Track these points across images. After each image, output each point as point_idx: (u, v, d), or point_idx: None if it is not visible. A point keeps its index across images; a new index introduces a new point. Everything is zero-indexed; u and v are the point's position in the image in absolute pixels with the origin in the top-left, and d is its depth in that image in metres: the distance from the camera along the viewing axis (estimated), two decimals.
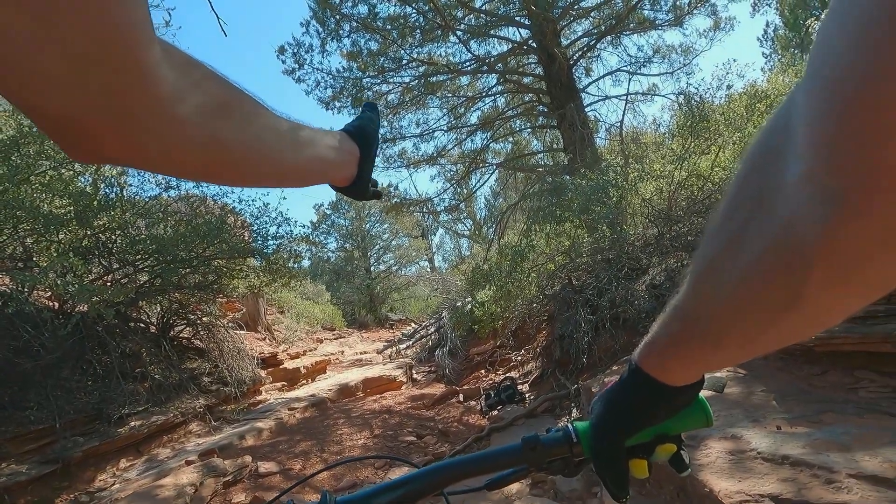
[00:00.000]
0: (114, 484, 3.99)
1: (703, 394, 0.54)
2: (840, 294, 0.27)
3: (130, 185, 5.84)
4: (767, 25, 19.24)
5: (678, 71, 10.56)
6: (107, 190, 5.40)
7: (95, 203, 4.87)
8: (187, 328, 6.46)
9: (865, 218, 0.22)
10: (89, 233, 5.13)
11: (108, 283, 5.22)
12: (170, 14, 11.31)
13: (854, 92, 0.20)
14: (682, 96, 9.44)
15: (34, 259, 4.96)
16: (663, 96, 11.20)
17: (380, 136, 0.70)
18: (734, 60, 8.67)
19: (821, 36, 0.23)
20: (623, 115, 10.50)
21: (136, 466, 4.34)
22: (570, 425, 0.57)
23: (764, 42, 19.43)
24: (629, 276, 5.73)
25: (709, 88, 8.12)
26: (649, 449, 0.54)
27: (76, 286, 4.09)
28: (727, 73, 8.04)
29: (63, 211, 4.78)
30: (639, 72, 10.68)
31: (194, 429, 5.24)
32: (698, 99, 7.13)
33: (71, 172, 5.18)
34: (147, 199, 5.77)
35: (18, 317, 4.19)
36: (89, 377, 4.58)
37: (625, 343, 4.97)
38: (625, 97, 10.52)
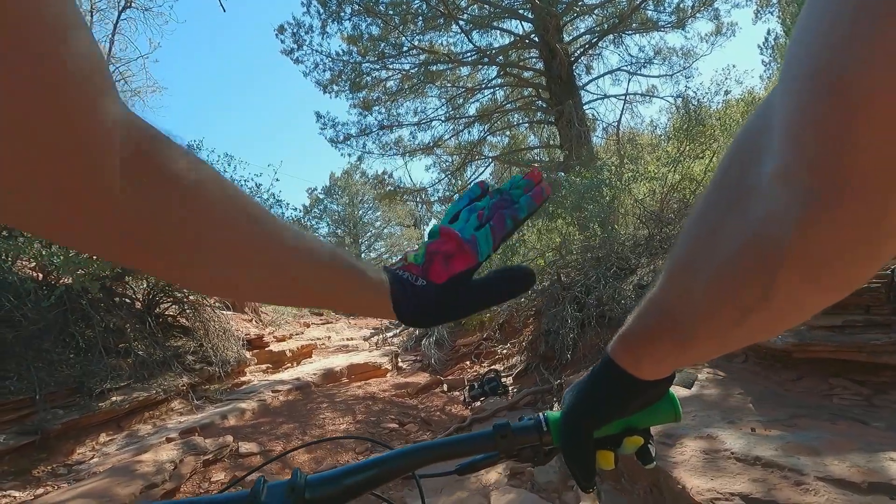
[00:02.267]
0: (93, 457, 3.97)
1: (675, 390, 0.55)
2: (809, 291, 0.28)
3: None
4: (769, 33, 19.29)
5: (678, 73, 10.59)
6: None
7: None
8: (173, 306, 6.42)
9: (838, 216, 0.22)
10: None
11: (94, 257, 5.16)
12: None
13: (828, 90, 0.20)
14: (681, 99, 9.49)
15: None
16: (662, 98, 11.22)
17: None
18: (734, 66, 8.77)
19: (797, 34, 0.23)
20: (621, 115, 10.55)
21: (115, 441, 4.33)
22: (541, 415, 0.58)
23: (764, 50, 19.50)
24: (617, 275, 5.78)
25: (707, 93, 8.17)
26: (617, 441, 0.55)
27: (61, 258, 4.04)
28: (726, 79, 8.11)
29: None
30: (639, 72, 10.69)
31: (176, 406, 5.22)
32: (696, 103, 7.17)
33: None
34: None
35: (1, 286, 4.13)
36: (71, 350, 4.54)
37: (609, 341, 4.98)
38: (623, 97, 10.54)
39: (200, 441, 4.00)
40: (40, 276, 4.92)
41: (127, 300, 5.86)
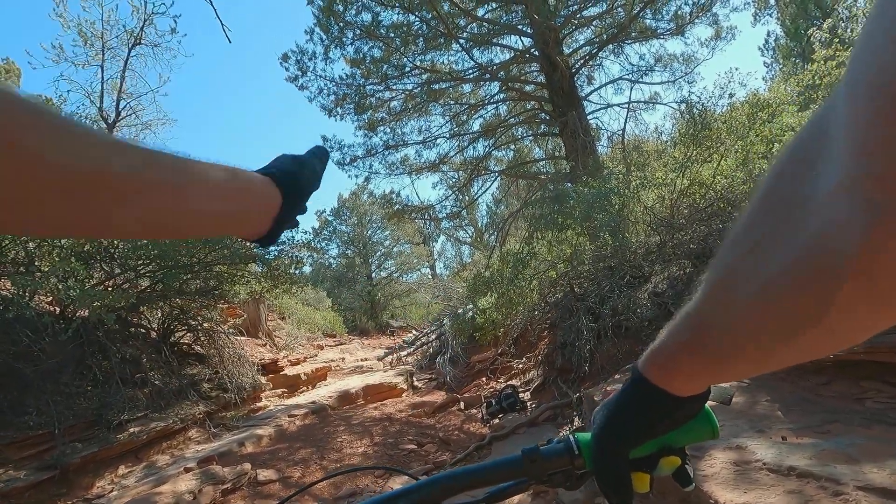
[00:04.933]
0: (112, 490, 3.96)
1: (709, 405, 0.52)
2: (871, 311, 0.26)
3: None
4: (769, 35, 19.33)
5: (680, 79, 10.60)
6: None
7: None
8: (188, 334, 6.45)
9: None
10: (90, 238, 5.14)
11: (110, 289, 5.22)
12: (175, 21, 11.43)
13: None
14: (684, 104, 9.47)
15: (36, 263, 4.96)
16: (665, 104, 11.20)
17: (318, 185, 0.55)
18: (736, 69, 8.75)
19: (863, 40, 0.22)
20: (625, 123, 10.55)
21: (134, 473, 4.31)
22: (571, 436, 0.56)
23: (765, 51, 19.52)
24: (631, 283, 5.71)
25: (711, 97, 8.15)
26: (652, 462, 0.53)
27: (77, 291, 4.09)
28: (729, 82, 8.06)
29: None
30: (641, 80, 10.73)
31: (194, 435, 5.21)
32: (700, 107, 7.13)
33: None
34: None
35: (19, 321, 4.18)
36: (89, 382, 4.56)
37: (627, 351, 4.94)
38: (626, 105, 10.56)
39: (219, 470, 3.97)
40: (57, 309, 4.98)
41: (142, 330, 5.90)
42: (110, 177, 0.32)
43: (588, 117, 10.10)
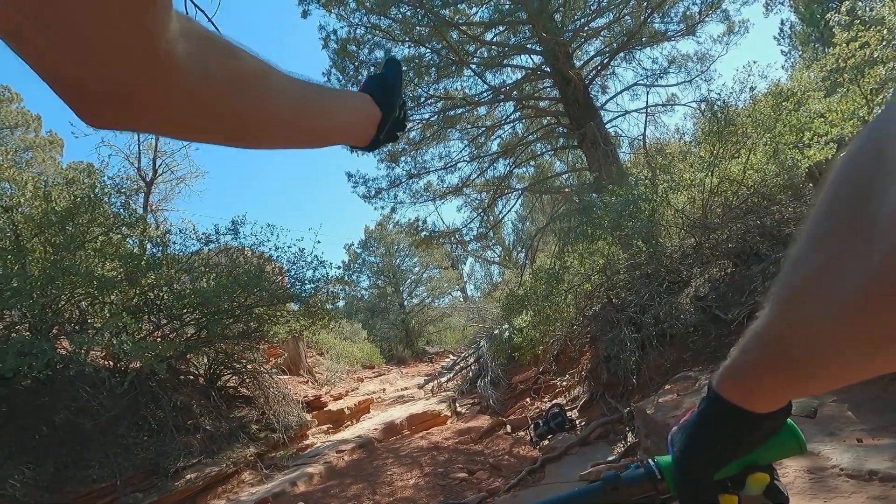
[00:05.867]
0: None
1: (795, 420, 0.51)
2: None
3: (174, 242, 6.12)
4: (783, 24, 18.98)
5: (696, 79, 10.48)
6: (153, 249, 5.67)
7: (143, 263, 5.11)
8: (233, 377, 6.59)
9: None
10: (138, 291, 5.37)
11: (159, 339, 5.41)
12: None
13: None
14: (704, 103, 9.33)
15: (89, 321, 5.21)
16: (684, 105, 11.05)
17: (402, 89, 0.71)
18: (754, 62, 8.56)
19: None
20: (645, 128, 10.45)
21: None
22: (651, 461, 0.55)
23: (781, 40, 19.13)
24: (671, 289, 5.56)
25: (731, 92, 7.99)
26: (739, 482, 0.51)
27: (130, 344, 4.26)
28: (748, 76, 7.87)
29: (114, 273, 5.04)
30: (656, 84, 10.65)
31: (247, 478, 5.27)
32: (721, 104, 7.02)
33: (119, 236, 5.48)
34: (189, 255, 6.02)
35: (78, 378, 4.37)
36: (145, 432, 4.70)
37: (675, 360, 4.79)
38: (644, 110, 10.47)
39: None
40: (111, 363, 5.19)
41: (191, 377, 6.06)
42: (305, 107, 0.48)
43: (606, 126, 10.06)
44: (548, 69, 9.99)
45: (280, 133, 0.49)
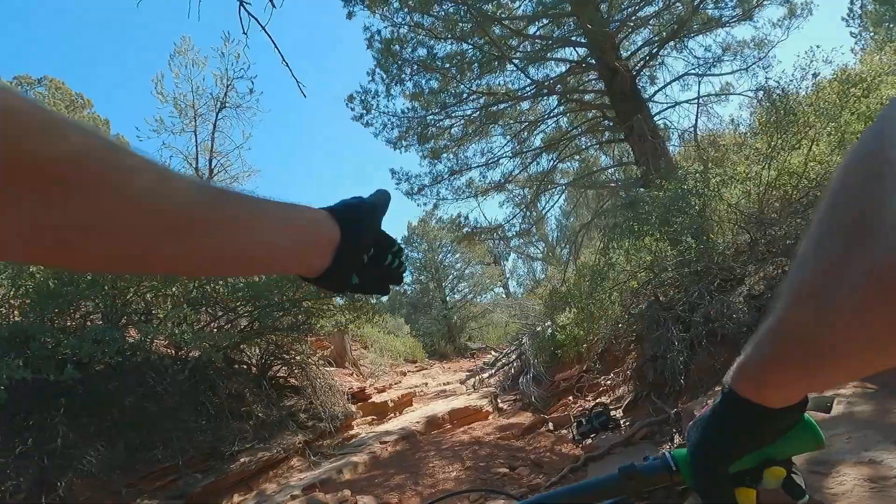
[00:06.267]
0: None
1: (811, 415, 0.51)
2: None
3: None
4: (852, 2, 17.67)
5: (753, 66, 9.91)
6: None
7: None
8: (283, 367, 6.87)
9: None
10: (197, 285, 5.70)
11: (215, 330, 5.73)
12: (252, 82, 12.60)
13: None
14: (762, 92, 8.85)
15: (153, 312, 5.58)
16: (739, 94, 10.48)
17: (380, 222, 0.57)
18: (818, 46, 7.97)
19: None
20: (696, 119, 10.02)
21: (247, 501, 4.63)
22: (667, 453, 0.56)
23: (850, 21, 17.82)
24: (722, 287, 5.33)
25: (791, 80, 7.51)
26: (756, 475, 0.52)
27: (190, 333, 4.54)
28: (811, 61, 7.37)
29: None
30: (709, 73, 10.16)
31: (295, 464, 5.50)
32: (780, 92, 6.64)
33: None
34: None
35: (144, 365, 4.70)
36: (203, 417, 5.00)
37: (726, 361, 4.60)
38: (696, 101, 10.04)
39: (322, 497, 4.16)
40: (173, 351, 5.54)
41: (244, 366, 6.38)
42: (196, 215, 0.35)
43: (655, 118, 9.72)
44: (593, 61, 9.76)
45: (169, 256, 0.35)
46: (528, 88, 10.30)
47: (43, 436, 3.82)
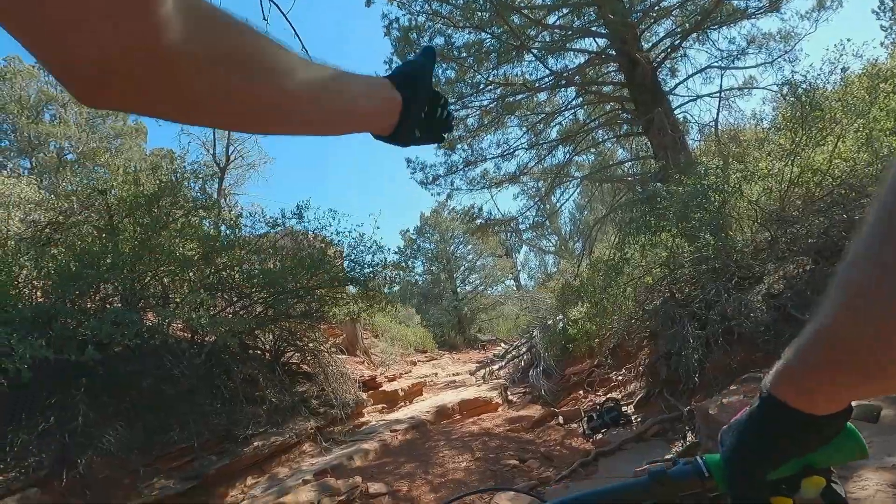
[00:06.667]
0: (243, 499, 4.36)
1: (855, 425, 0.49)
2: None
3: (244, 225, 6.50)
4: None
5: (779, 59, 9.66)
6: (226, 231, 6.05)
7: (218, 244, 5.48)
8: (296, 354, 6.95)
9: None
10: (213, 270, 5.77)
11: (230, 315, 5.80)
12: None
13: None
14: (787, 86, 8.62)
15: (170, 296, 5.66)
16: (763, 88, 10.23)
17: (432, 81, 0.64)
18: (847, 40, 7.67)
19: None
20: (717, 114, 9.82)
21: (260, 484, 4.71)
22: (699, 458, 0.55)
23: (881, 14, 17.24)
24: (740, 285, 5.26)
25: (819, 74, 7.29)
26: (794, 484, 0.50)
27: (206, 318, 4.60)
28: (840, 55, 7.14)
29: (192, 252, 5.43)
30: (732, 66, 9.93)
31: (307, 449, 5.58)
32: (806, 87, 6.45)
33: (197, 218, 5.89)
34: (258, 237, 6.37)
35: (162, 348, 4.78)
36: (218, 401, 5.08)
37: (742, 360, 4.55)
38: (718, 94, 9.84)
39: (333, 482, 4.22)
40: (189, 335, 5.63)
41: (258, 352, 6.46)
42: (316, 89, 0.46)
43: (675, 112, 9.55)
44: (613, 52, 9.59)
45: (293, 117, 0.45)
46: (546, 79, 10.17)
47: (64, 414, 3.91)
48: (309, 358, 6.94)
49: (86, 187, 5.60)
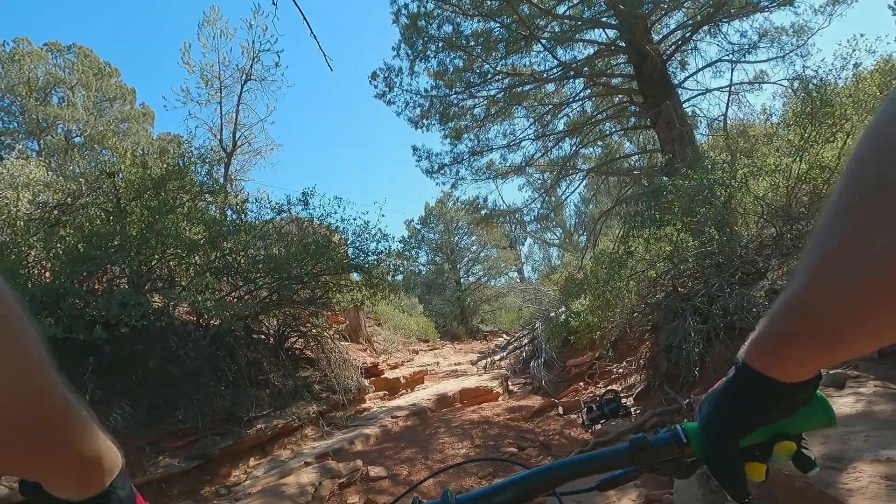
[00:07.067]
0: (246, 479, 4.43)
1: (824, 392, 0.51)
2: None
3: (250, 210, 6.54)
4: None
5: (790, 54, 9.54)
6: (232, 216, 6.08)
7: (224, 228, 5.52)
8: (299, 339, 7.01)
9: None
10: (219, 255, 5.81)
11: (236, 299, 5.85)
12: (279, 56, 12.58)
13: None
14: (797, 81, 8.54)
15: (176, 279, 5.72)
16: (774, 83, 10.11)
17: None
18: (861, 35, 7.52)
19: None
20: (727, 108, 9.73)
21: (262, 465, 4.79)
22: (678, 426, 0.56)
23: None
24: (743, 281, 5.26)
25: (830, 69, 7.21)
26: (766, 450, 0.52)
27: (211, 302, 4.65)
28: (853, 51, 7.06)
29: (198, 236, 5.47)
30: (743, 60, 9.82)
31: (309, 433, 5.66)
32: (817, 82, 6.39)
33: (203, 203, 5.93)
34: (264, 223, 6.41)
35: (168, 329, 4.85)
36: (222, 383, 5.15)
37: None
38: (728, 88, 9.74)
39: (334, 465, 4.28)
40: (195, 318, 5.69)
41: (262, 336, 6.53)
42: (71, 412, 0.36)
43: (684, 105, 9.47)
44: (622, 44, 9.50)
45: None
46: (554, 70, 10.10)
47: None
48: (312, 343, 7.00)
49: (94, 170, 5.65)
